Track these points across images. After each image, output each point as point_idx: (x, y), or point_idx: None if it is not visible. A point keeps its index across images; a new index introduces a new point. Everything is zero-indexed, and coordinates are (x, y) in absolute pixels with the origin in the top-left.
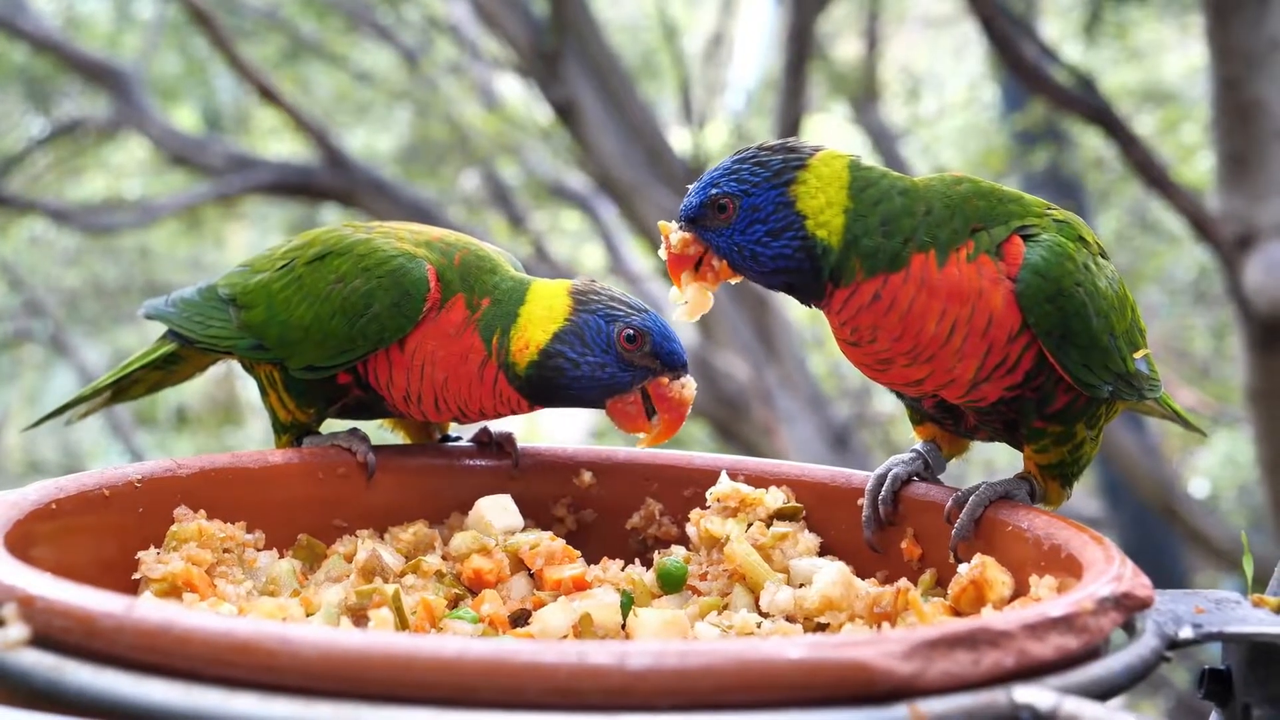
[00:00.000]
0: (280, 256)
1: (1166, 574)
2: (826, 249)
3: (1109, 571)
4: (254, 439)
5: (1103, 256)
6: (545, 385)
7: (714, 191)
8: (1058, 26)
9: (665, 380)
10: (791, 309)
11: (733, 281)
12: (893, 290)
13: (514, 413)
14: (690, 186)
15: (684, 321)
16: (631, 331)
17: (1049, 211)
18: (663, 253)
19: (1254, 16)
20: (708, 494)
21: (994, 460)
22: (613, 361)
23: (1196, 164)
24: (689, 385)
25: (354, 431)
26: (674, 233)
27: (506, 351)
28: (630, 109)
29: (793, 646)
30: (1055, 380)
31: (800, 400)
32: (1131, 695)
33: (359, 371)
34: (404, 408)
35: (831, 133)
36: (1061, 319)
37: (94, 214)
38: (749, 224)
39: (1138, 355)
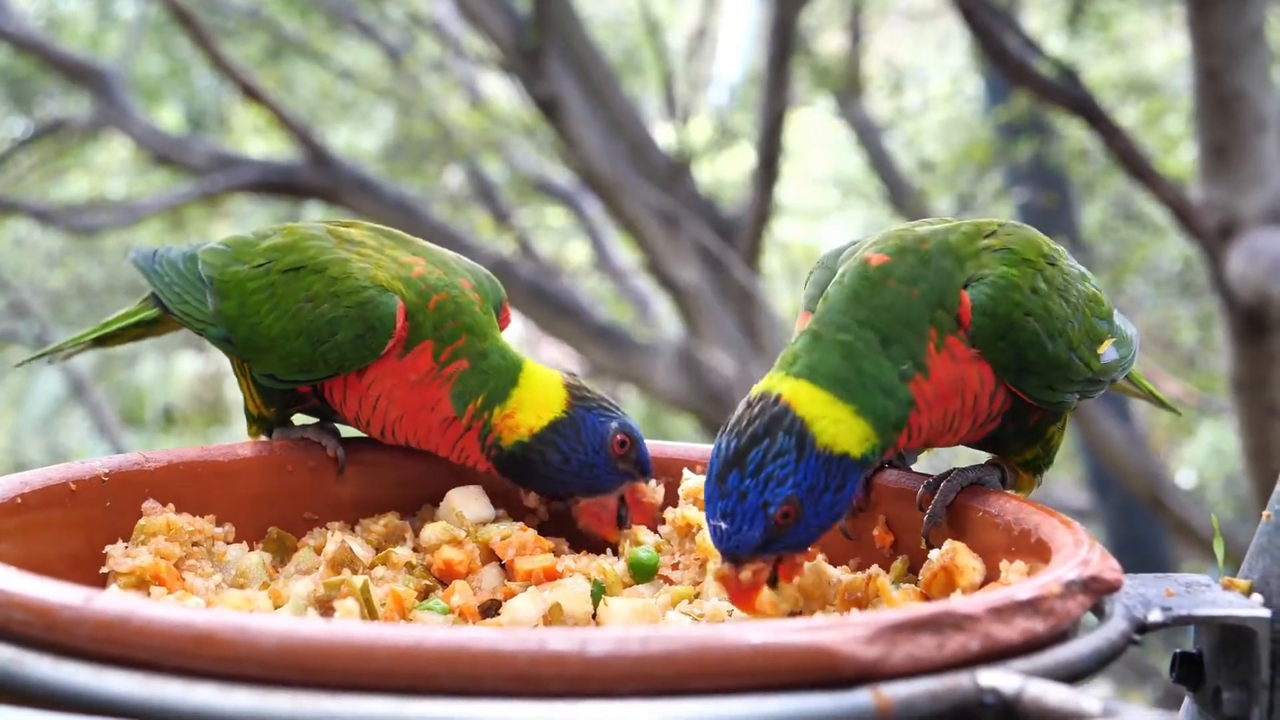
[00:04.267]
0: (260, 252)
1: (1153, 565)
2: (874, 448)
3: (1077, 555)
4: (240, 440)
5: (1053, 264)
6: (524, 466)
7: (772, 510)
8: (1040, 19)
9: (641, 486)
10: (778, 304)
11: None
12: (918, 423)
13: (466, 466)
14: (717, 525)
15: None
16: (624, 437)
17: (987, 240)
18: (724, 595)
19: (1234, 7)
20: (679, 491)
21: (977, 454)
22: (602, 463)
23: (1180, 155)
24: (658, 492)
25: (324, 425)
26: (738, 574)
27: (487, 425)
28: (614, 105)
29: (754, 631)
30: (1025, 406)
31: None
32: (1119, 685)
33: (316, 385)
34: (353, 425)
35: (815, 127)
36: (1016, 353)
37: (78, 214)
38: (816, 503)
39: (1102, 349)
